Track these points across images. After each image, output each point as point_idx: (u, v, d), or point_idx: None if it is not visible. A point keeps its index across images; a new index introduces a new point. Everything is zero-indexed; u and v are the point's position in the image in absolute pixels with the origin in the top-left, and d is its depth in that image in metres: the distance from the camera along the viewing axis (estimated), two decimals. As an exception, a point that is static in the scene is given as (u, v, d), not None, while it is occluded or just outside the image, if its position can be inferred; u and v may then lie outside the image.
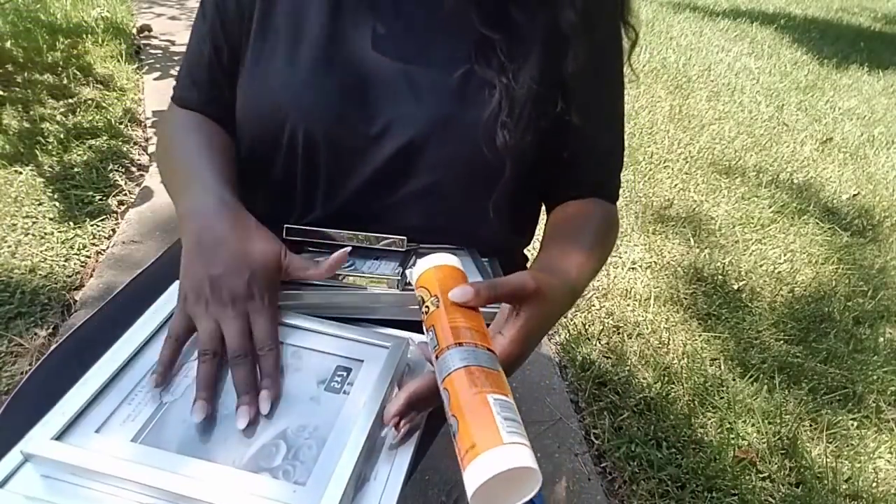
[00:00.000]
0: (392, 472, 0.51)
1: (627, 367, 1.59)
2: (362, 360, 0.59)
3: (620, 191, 0.79)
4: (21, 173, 2.01)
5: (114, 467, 0.46)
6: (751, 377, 1.60)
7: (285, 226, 0.69)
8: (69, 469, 0.47)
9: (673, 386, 1.54)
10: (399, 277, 0.65)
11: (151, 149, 2.38)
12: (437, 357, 0.47)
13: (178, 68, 0.79)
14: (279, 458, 0.49)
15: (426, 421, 0.57)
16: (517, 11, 0.65)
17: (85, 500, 0.46)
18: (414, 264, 0.67)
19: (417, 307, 0.62)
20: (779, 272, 2.04)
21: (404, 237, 0.69)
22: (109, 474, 0.46)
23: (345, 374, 0.58)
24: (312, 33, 0.66)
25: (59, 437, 0.48)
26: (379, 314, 0.65)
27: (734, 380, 1.59)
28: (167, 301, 0.62)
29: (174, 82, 0.78)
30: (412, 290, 0.66)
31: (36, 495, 0.46)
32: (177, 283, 0.59)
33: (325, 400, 0.55)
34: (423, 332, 0.65)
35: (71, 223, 1.83)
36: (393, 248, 0.69)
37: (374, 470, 0.51)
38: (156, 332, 0.59)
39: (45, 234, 1.78)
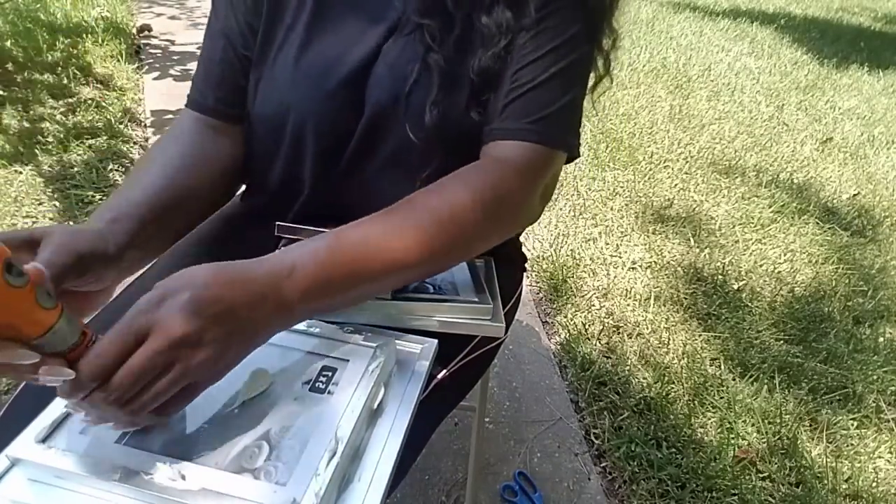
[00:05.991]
0: (376, 474, 0.51)
1: (627, 367, 1.59)
2: (348, 360, 0.58)
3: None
4: (21, 173, 2.01)
5: (98, 470, 0.46)
6: (751, 377, 1.60)
7: (277, 223, 0.69)
8: (54, 472, 0.47)
9: (673, 386, 1.54)
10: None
11: (151, 148, 2.38)
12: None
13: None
14: (261, 458, 0.49)
15: (416, 422, 0.56)
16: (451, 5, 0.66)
17: (71, 502, 0.46)
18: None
19: (409, 316, 0.61)
20: (779, 272, 2.04)
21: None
22: (93, 476, 0.46)
23: (330, 374, 0.57)
24: (301, 33, 0.68)
25: (44, 440, 0.48)
26: (363, 320, 0.65)
27: (734, 380, 1.59)
28: None
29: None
30: (403, 298, 0.66)
31: (22, 500, 0.46)
32: None
33: (310, 400, 0.55)
34: (409, 332, 0.64)
35: (71, 223, 1.83)
36: None
37: (359, 472, 0.51)
38: None
39: (45, 233, 1.78)
